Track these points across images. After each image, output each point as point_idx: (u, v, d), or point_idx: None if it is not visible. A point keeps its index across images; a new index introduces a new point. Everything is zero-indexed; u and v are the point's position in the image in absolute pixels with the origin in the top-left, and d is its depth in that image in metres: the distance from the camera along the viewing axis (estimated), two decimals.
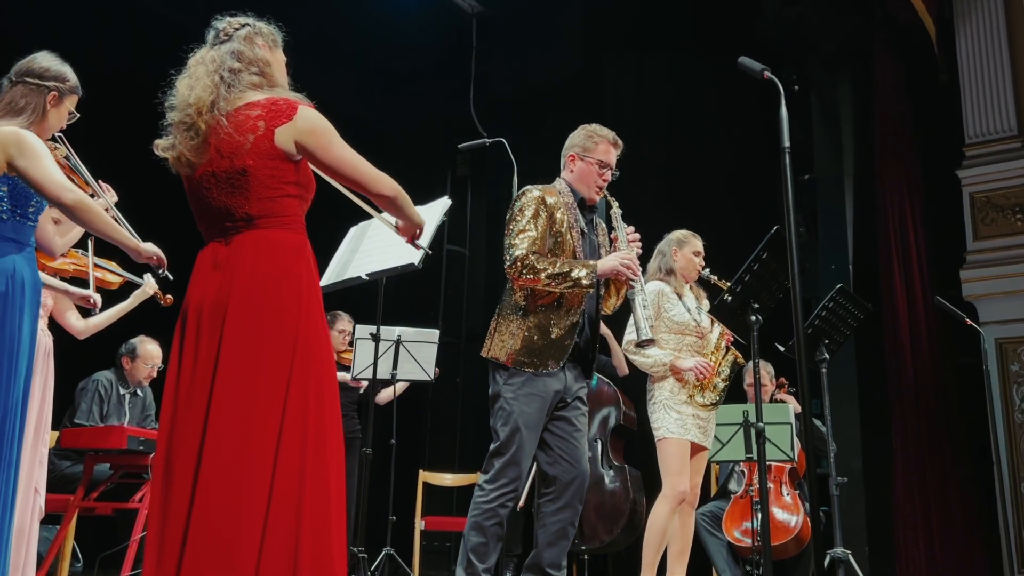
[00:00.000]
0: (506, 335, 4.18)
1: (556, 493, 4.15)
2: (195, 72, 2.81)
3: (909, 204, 7.80)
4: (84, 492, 5.32)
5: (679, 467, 5.00)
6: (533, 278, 4.08)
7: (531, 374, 4.11)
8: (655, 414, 5.12)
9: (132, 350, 6.10)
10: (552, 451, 4.19)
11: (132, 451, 5.23)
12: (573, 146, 4.47)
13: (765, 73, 3.45)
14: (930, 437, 7.37)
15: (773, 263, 4.72)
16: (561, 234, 4.23)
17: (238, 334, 2.60)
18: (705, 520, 6.38)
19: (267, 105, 2.74)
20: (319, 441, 2.61)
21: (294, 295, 2.68)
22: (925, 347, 7.50)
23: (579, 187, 4.40)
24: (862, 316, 6.07)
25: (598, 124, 4.52)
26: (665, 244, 5.44)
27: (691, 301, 5.32)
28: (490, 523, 4.02)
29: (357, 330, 6.10)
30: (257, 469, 2.51)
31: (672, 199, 8.23)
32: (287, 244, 2.72)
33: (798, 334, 3.22)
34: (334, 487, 2.61)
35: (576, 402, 4.27)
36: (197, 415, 2.56)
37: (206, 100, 2.74)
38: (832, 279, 7.24)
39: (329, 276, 4.98)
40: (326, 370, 2.70)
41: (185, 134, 2.75)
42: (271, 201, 2.71)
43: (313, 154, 2.74)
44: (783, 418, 5.37)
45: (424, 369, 6.15)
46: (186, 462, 2.53)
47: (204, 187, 2.75)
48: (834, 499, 5.81)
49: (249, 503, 2.48)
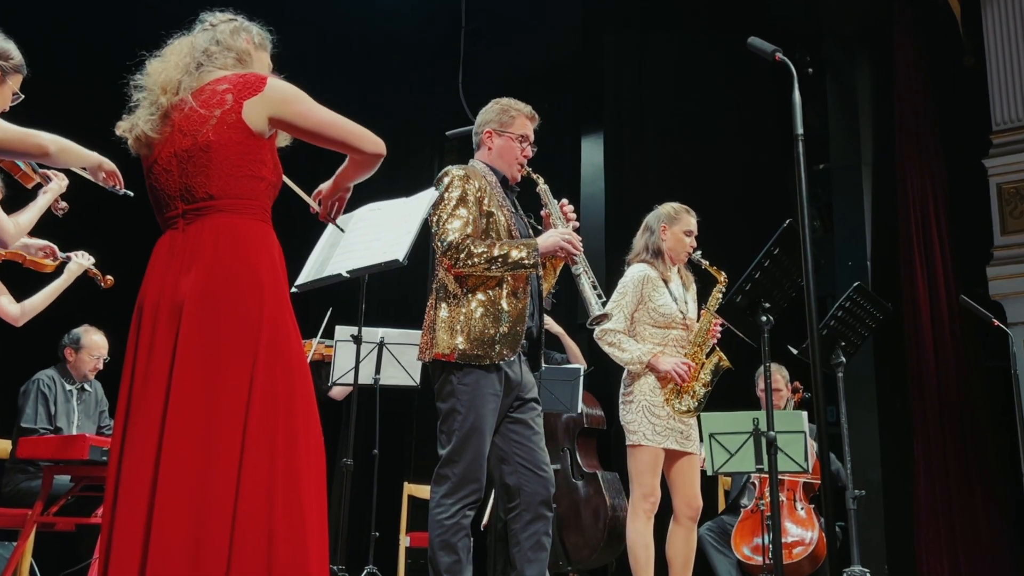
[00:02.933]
0: (450, 331, 4.09)
1: (523, 505, 4.09)
2: (169, 55, 2.85)
3: (932, 196, 7.82)
4: (43, 506, 5.30)
5: (650, 475, 4.98)
6: (472, 264, 4.03)
7: (484, 369, 4.04)
8: (629, 415, 5.06)
9: (76, 340, 6.08)
10: (511, 460, 4.13)
11: (94, 462, 5.20)
12: (487, 122, 4.41)
13: (777, 55, 3.46)
14: (955, 446, 7.39)
15: (785, 259, 4.72)
16: (492, 214, 4.18)
17: (196, 333, 2.60)
18: (712, 536, 6.38)
19: (235, 79, 2.77)
20: (289, 444, 2.60)
21: (255, 290, 2.67)
22: (949, 349, 7.52)
23: (499, 165, 4.36)
24: (881, 316, 6.08)
25: (510, 98, 4.46)
26: (653, 219, 5.30)
27: (678, 288, 5.22)
28: (457, 538, 3.97)
29: (337, 332, 6.09)
30: (221, 476, 2.51)
31: (676, 190, 8.15)
32: (249, 233, 2.73)
33: (812, 336, 3.23)
34: (308, 492, 2.62)
35: (531, 402, 4.23)
36: (152, 419, 2.56)
37: (174, 79, 2.77)
38: (849, 277, 7.27)
39: (307, 274, 4.96)
40: (296, 369, 2.70)
41: (145, 111, 2.78)
42: (235, 180, 2.72)
43: (293, 124, 2.77)
44: (796, 426, 5.37)
45: (409, 373, 6.15)
46: (141, 470, 2.53)
47: (164, 170, 2.76)
48: (851, 513, 5.81)
49: (215, 512, 2.48)
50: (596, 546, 6.81)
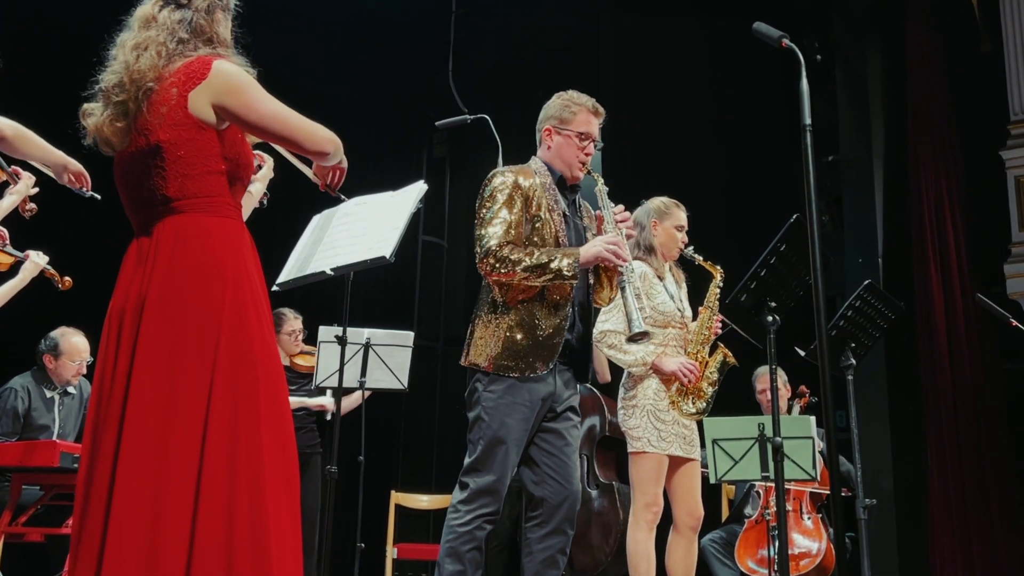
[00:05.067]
0: (486, 338, 4.13)
1: (544, 517, 4.12)
2: (144, 33, 2.80)
3: (946, 189, 7.83)
4: (11, 516, 5.31)
5: (653, 484, 5.00)
6: (508, 272, 4.02)
7: (515, 380, 4.06)
8: (632, 420, 5.09)
9: (54, 346, 5.92)
10: (539, 469, 4.15)
11: (65, 469, 5.21)
12: (548, 118, 4.41)
13: (784, 40, 3.47)
14: (971, 453, 7.40)
15: (792, 256, 4.72)
16: (540, 219, 4.17)
17: (154, 336, 2.61)
18: (715, 547, 6.39)
19: (179, 72, 2.74)
20: (252, 450, 2.61)
21: (217, 289, 2.68)
22: (965, 351, 7.53)
23: (558, 165, 4.35)
24: (893, 316, 6.08)
25: (575, 91, 4.48)
26: (643, 214, 5.30)
27: (672, 285, 5.25)
28: (467, 548, 3.98)
29: (321, 332, 6.08)
30: (178, 485, 2.52)
31: (678, 184, 8.17)
32: (212, 230, 2.73)
33: (821, 337, 3.24)
34: (274, 500, 2.62)
35: (568, 412, 4.24)
36: (113, 427, 2.58)
37: (148, 76, 2.73)
38: (859, 274, 7.27)
39: (289, 271, 4.97)
40: (260, 370, 2.70)
41: (112, 108, 2.76)
42: (190, 179, 2.71)
43: (236, 115, 2.74)
44: (804, 432, 5.37)
45: (397, 376, 6.14)
46: (103, 478, 2.55)
47: (126, 170, 2.78)
48: (861, 524, 5.80)
49: (172, 522, 2.50)
50: (601, 560, 6.81)
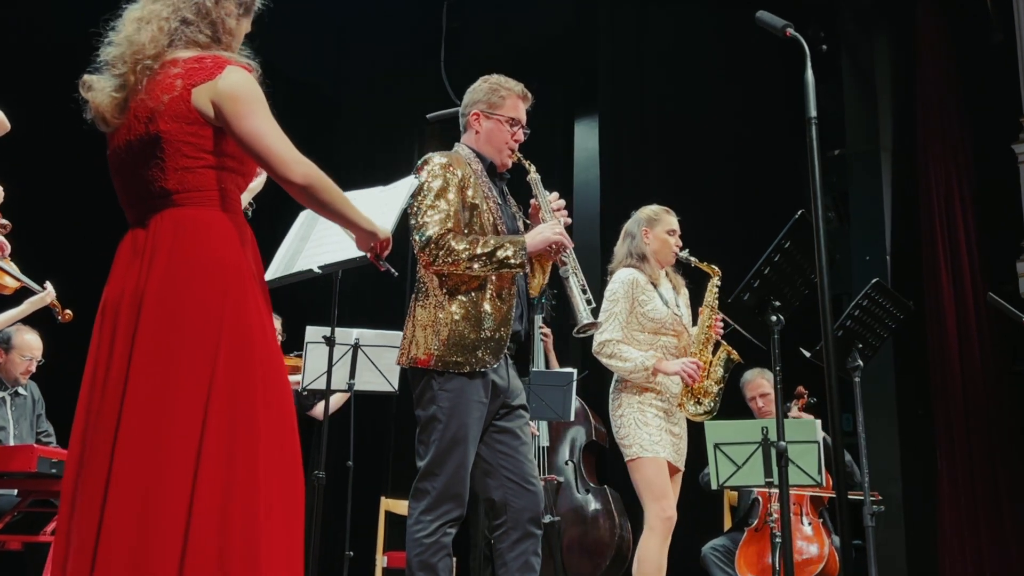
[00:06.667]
0: (427, 332, 4.08)
1: (510, 523, 4.09)
2: (150, 6, 2.83)
3: (957, 184, 7.84)
4: None
5: (662, 489, 5.03)
6: (452, 262, 4.01)
7: (465, 377, 4.03)
8: (623, 429, 5.13)
9: (6, 340, 6.15)
10: (497, 473, 4.13)
11: (43, 475, 5.22)
12: (476, 103, 4.39)
13: (788, 30, 3.48)
14: (982, 458, 7.41)
15: (797, 253, 4.73)
16: (476, 206, 4.16)
17: (153, 332, 2.62)
18: (717, 556, 6.40)
19: (189, 62, 2.77)
20: (250, 456, 2.61)
21: (217, 286, 2.69)
22: (976, 352, 7.54)
23: (487, 151, 4.34)
24: (902, 316, 6.09)
25: (502, 75, 4.45)
26: (633, 224, 5.41)
27: (668, 291, 5.31)
28: (438, 558, 3.97)
29: (308, 332, 6.08)
30: (174, 490, 2.53)
31: (678, 179, 8.23)
32: (211, 225, 2.75)
33: (826, 337, 3.24)
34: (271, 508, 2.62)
35: (519, 410, 4.24)
36: (108, 427, 2.58)
37: (148, 51, 2.76)
38: (866, 272, 7.28)
39: (275, 269, 4.96)
40: (261, 373, 2.71)
41: (112, 81, 2.79)
42: (190, 173, 2.74)
43: (226, 120, 2.74)
44: (809, 436, 5.37)
45: (387, 378, 6.15)
46: (95, 482, 2.55)
47: (122, 158, 2.80)
48: (868, 531, 5.81)
49: (165, 528, 2.50)
50: (599, 566, 6.83)
